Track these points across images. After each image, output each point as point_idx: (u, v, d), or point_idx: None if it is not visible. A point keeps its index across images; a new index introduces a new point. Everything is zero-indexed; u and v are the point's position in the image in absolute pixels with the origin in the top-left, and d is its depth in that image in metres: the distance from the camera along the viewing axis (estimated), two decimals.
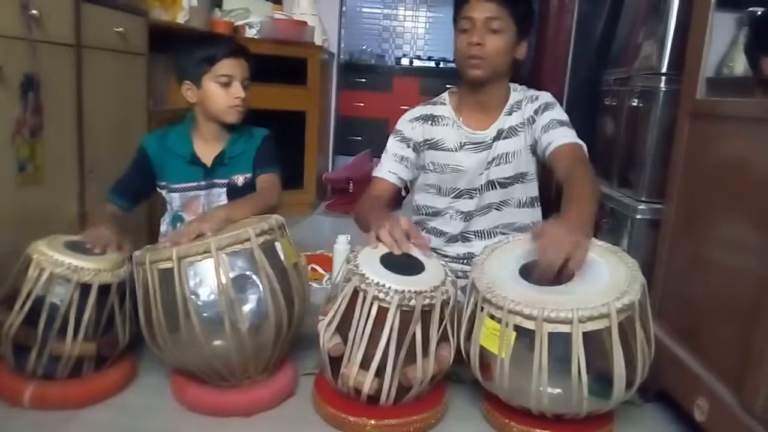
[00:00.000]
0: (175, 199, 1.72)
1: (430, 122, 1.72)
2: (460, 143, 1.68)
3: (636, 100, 1.70)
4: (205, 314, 1.26)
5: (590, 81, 2.16)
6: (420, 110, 1.75)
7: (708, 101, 1.37)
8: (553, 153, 1.56)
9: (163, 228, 1.78)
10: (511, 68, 1.66)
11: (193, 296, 1.26)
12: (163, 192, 1.74)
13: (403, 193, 2.07)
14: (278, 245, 1.36)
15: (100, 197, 1.68)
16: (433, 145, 1.71)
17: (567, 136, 1.57)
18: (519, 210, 1.71)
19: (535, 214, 1.73)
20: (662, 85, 1.58)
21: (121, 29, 1.99)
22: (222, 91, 1.66)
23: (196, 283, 1.27)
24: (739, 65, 1.42)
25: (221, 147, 1.72)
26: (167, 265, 1.28)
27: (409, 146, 1.72)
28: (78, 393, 1.34)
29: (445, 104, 1.74)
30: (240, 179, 1.72)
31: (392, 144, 1.75)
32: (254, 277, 1.29)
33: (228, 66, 1.65)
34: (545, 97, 1.67)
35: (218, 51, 1.65)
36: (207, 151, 1.72)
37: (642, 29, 1.77)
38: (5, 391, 1.33)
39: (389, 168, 1.72)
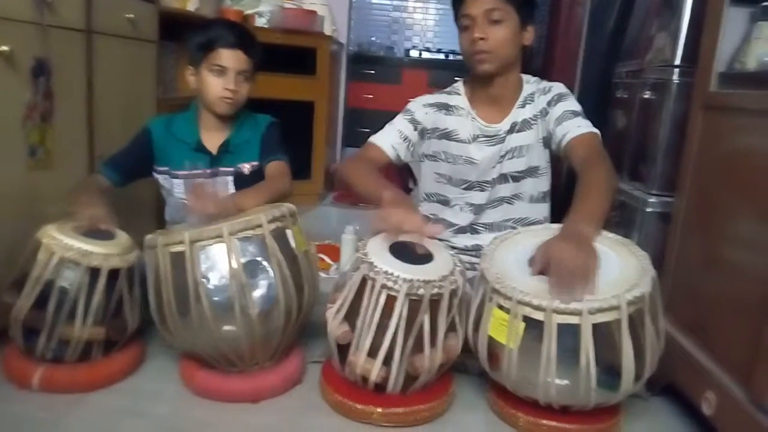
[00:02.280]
0: (178, 186, 1.71)
1: (444, 111, 1.70)
2: (474, 135, 1.67)
3: (648, 92, 1.69)
4: (215, 298, 1.26)
5: (602, 73, 2.15)
6: (435, 97, 1.74)
7: (721, 94, 1.36)
8: (569, 145, 1.55)
9: (168, 216, 1.78)
10: (520, 56, 1.64)
11: (204, 280, 1.26)
12: (162, 178, 1.73)
13: (411, 185, 2.06)
14: (289, 233, 1.36)
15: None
16: (445, 135, 1.69)
17: (581, 126, 1.56)
18: (531, 205, 1.69)
19: (546, 209, 1.72)
20: (675, 77, 1.56)
21: (131, 16, 1.99)
22: (214, 80, 1.64)
23: (208, 267, 1.27)
24: (752, 60, 1.40)
25: (226, 135, 1.72)
26: (179, 248, 1.28)
27: (416, 129, 1.71)
28: (86, 377, 1.35)
29: (459, 94, 1.72)
30: (246, 167, 1.72)
31: (401, 121, 1.72)
32: (265, 263, 1.30)
33: (224, 56, 1.63)
34: (558, 88, 1.66)
35: (216, 40, 1.62)
36: (212, 138, 1.71)
37: (655, 21, 1.75)
38: (15, 373, 1.34)
39: (392, 142, 1.70)
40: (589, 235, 1.29)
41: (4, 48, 1.43)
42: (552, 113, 1.61)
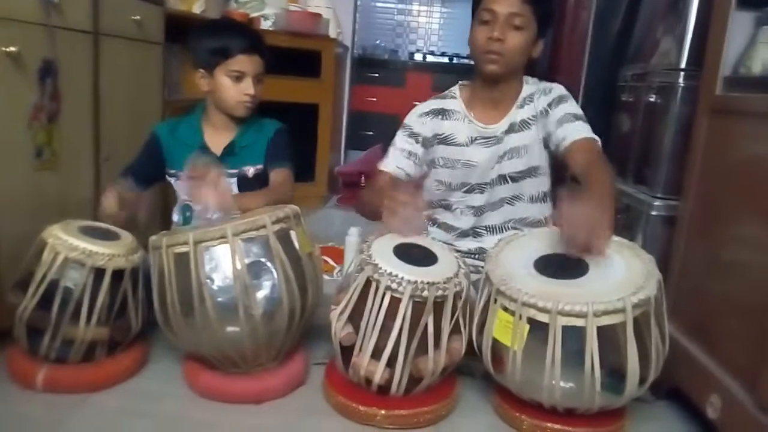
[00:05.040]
0: (183, 188, 1.71)
1: (440, 116, 1.70)
2: (471, 138, 1.67)
3: (653, 96, 1.68)
4: (219, 299, 1.27)
5: (607, 77, 2.14)
6: (430, 104, 1.74)
7: (727, 97, 1.35)
8: (569, 148, 1.54)
9: (175, 217, 1.79)
10: (525, 65, 1.65)
11: (208, 281, 1.26)
12: (172, 180, 1.74)
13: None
14: (293, 234, 1.37)
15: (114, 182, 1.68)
16: (443, 140, 1.69)
17: (582, 130, 1.56)
18: (531, 205, 1.69)
19: (547, 209, 1.72)
20: (680, 80, 1.56)
21: (138, 17, 2.00)
22: (233, 85, 1.65)
23: (212, 267, 1.27)
24: (757, 64, 1.40)
25: (231, 137, 1.72)
26: (183, 249, 1.28)
27: (417, 141, 1.70)
28: (90, 377, 1.35)
29: (455, 98, 1.72)
30: (251, 170, 1.72)
31: (400, 139, 1.73)
32: (269, 263, 1.30)
33: (241, 62, 1.64)
34: (559, 89, 1.66)
35: (233, 45, 1.63)
36: (217, 140, 1.72)
37: (661, 25, 1.75)
38: (18, 373, 1.34)
39: (397, 163, 1.70)
40: (606, 233, 1.27)
41: (12, 49, 1.43)
42: (553, 114, 1.61)
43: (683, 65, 1.56)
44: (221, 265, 1.27)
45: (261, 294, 1.29)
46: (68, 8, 1.63)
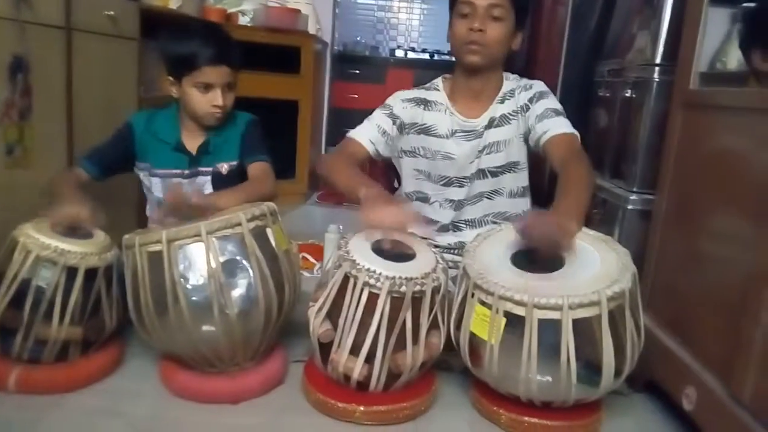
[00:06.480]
0: (156, 184, 1.68)
1: (422, 106, 1.71)
2: (452, 130, 1.68)
3: (629, 91, 1.70)
4: (193, 298, 1.25)
5: (584, 72, 2.16)
6: (414, 92, 1.75)
7: (701, 91, 1.37)
8: (548, 142, 1.56)
9: (149, 213, 1.76)
10: (505, 57, 1.66)
11: (182, 280, 1.24)
12: (142, 174, 1.70)
13: (396, 184, 2.06)
14: (269, 231, 1.35)
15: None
16: (424, 131, 1.70)
17: (562, 125, 1.57)
18: (510, 200, 1.70)
19: (526, 203, 1.74)
20: (656, 75, 1.57)
21: (111, 13, 1.97)
22: (201, 96, 1.61)
23: (186, 266, 1.25)
24: (732, 60, 1.42)
25: (206, 135, 1.69)
26: (157, 247, 1.26)
27: (394, 123, 1.71)
28: (64, 377, 1.32)
29: (438, 90, 1.73)
30: (224, 167, 1.69)
31: (379, 115, 1.72)
32: (244, 262, 1.28)
33: (208, 74, 1.59)
34: (539, 86, 1.67)
35: (199, 57, 1.57)
36: (192, 139, 1.69)
37: (636, 20, 1.76)
38: None
39: (371, 137, 1.70)
40: (571, 229, 1.29)
41: None
42: (533, 110, 1.62)
43: (658, 60, 1.58)
44: (195, 263, 1.25)
45: (236, 293, 1.27)
46: (39, 3, 1.61)
